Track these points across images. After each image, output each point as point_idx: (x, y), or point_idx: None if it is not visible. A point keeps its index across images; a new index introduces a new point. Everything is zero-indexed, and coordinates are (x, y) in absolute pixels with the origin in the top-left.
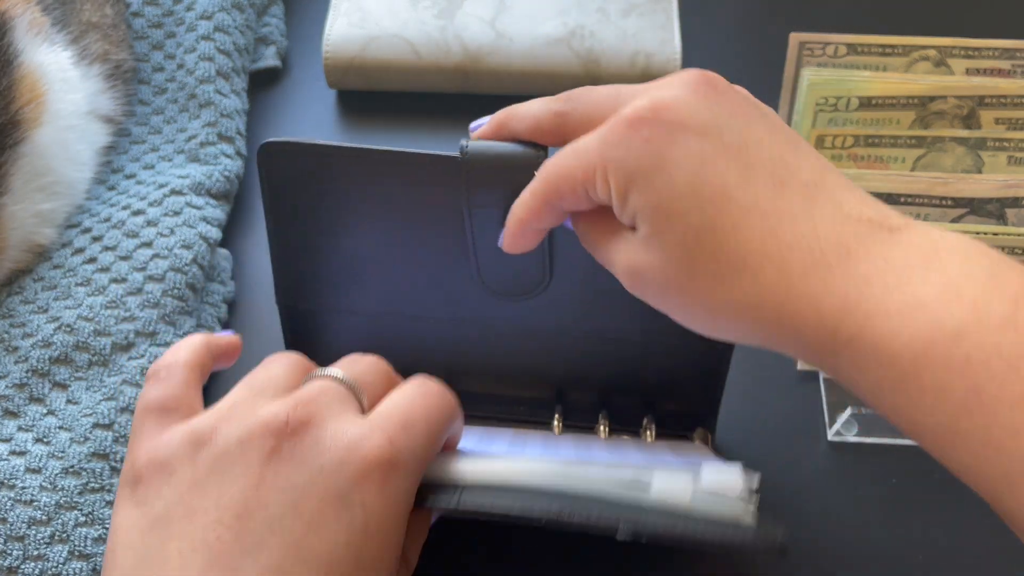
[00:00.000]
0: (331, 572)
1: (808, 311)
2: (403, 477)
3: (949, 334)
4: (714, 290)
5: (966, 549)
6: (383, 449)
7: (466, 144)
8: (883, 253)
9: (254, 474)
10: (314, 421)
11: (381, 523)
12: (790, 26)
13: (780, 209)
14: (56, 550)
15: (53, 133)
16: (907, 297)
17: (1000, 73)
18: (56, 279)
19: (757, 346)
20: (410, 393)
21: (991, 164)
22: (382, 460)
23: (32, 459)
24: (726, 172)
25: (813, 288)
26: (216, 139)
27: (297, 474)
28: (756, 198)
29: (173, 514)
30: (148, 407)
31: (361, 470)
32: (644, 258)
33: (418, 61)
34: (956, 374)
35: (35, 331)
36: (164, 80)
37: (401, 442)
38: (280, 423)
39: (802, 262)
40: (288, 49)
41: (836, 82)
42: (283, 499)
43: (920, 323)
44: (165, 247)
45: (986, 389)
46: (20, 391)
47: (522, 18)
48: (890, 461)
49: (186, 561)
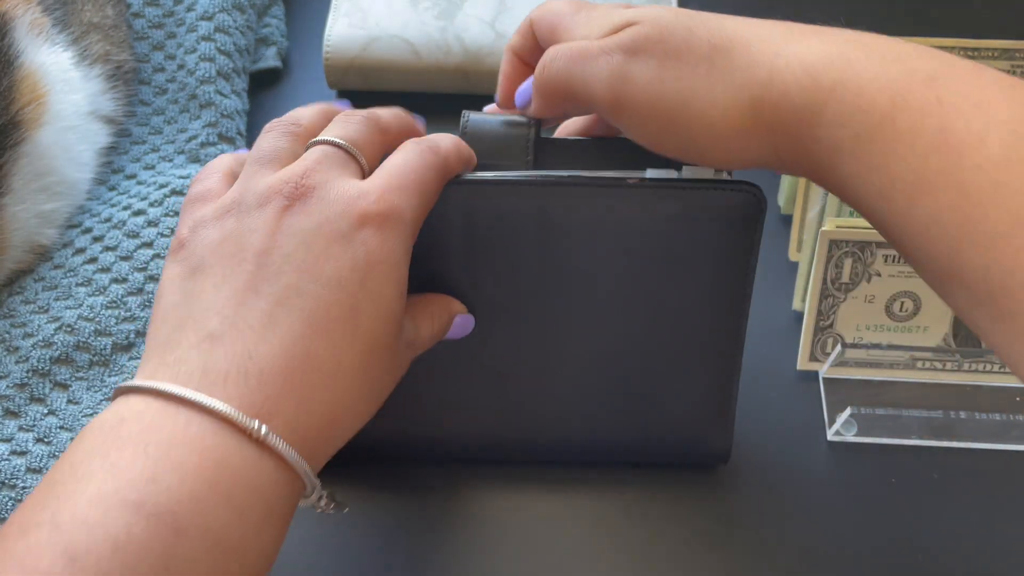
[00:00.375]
0: (339, 288)
1: (792, 65)
2: (397, 227)
3: (923, 79)
4: (711, 58)
5: (966, 549)
6: (379, 204)
7: (467, 117)
8: (861, 36)
9: (270, 225)
10: (319, 183)
11: (381, 258)
12: None
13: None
14: None
15: (54, 134)
16: (884, 50)
17: None
18: (57, 279)
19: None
20: (406, 156)
21: None
22: (379, 212)
23: (33, 459)
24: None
25: (797, 48)
26: (217, 139)
27: (307, 222)
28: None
29: (207, 262)
30: (190, 198)
31: (360, 217)
32: (627, 75)
33: (418, 62)
34: (928, 116)
35: (36, 331)
36: (165, 81)
37: (394, 200)
38: (291, 187)
39: (784, 34)
40: (288, 50)
41: None
42: (295, 240)
43: (896, 71)
44: (166, 247)
45: (954, 128)
46: (21, 391)
47: (522, 19)
48: (890, 461)
49: (219, 291)
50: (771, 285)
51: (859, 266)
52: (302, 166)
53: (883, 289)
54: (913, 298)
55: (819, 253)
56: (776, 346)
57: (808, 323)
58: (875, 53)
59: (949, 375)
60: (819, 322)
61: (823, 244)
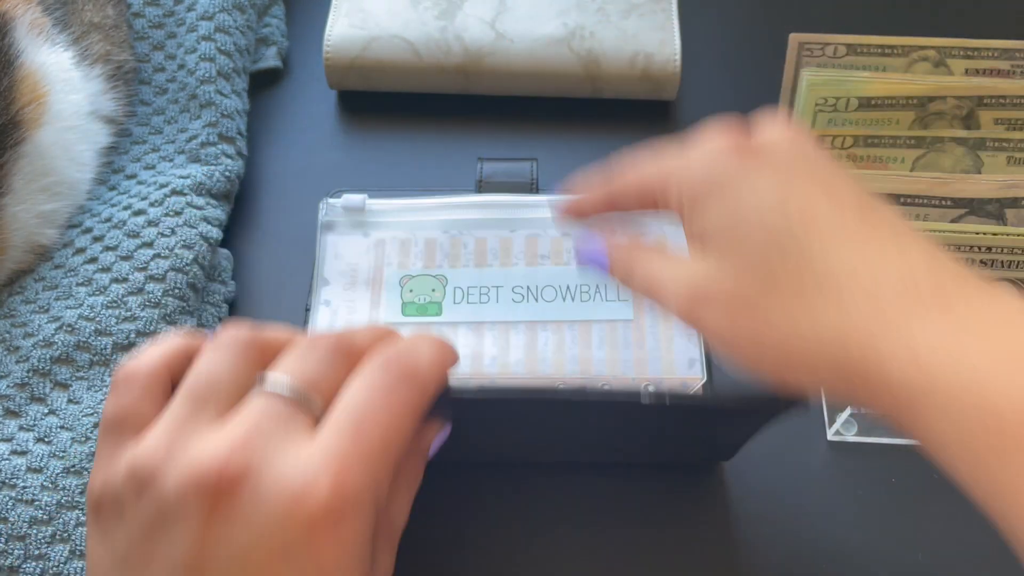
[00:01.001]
0: None
1: (900, 347)
2: (356, 519)
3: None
4: (793, 308)
5: (966, 549)
6: (332, 497)
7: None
8: (984, 304)
9: (197, 533)
10: (252, 469)
11: (337, 566)
12: (790, 27)
13: (870, 237)
14: (57, 549)
15: (54, 134)
16: (1014, 346)
17: (999, 73)
18: (57, 279)
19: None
20: (371, 396)
21: (990, 164)
22: (331, 511)
23: (33, 458)
24: (813, 195)
25: (906, 321)
26: (217, 139)
27: (240, 533)
28: (844, 223)
29: (131, 560)
30: (104, 422)
31: (307, 525)
32: (709, 276)
33: (419, 62)
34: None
35: (36, 331)
36: (165, 80)
37: (352, 481)
38: (214, 477)
39: (895, 290)
40: (289, 50)
41: (835, 82)
42: (230, 556)
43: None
44: (166, 247)
45: None
46: (21, 391)
47: (522, 19)
48: (889, 461)
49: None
50: None
51: None
52: (231, 436)
53: None
54: None
55: None
56: None
57: None
58: (1003, 351)
59: None
60: None
61: None
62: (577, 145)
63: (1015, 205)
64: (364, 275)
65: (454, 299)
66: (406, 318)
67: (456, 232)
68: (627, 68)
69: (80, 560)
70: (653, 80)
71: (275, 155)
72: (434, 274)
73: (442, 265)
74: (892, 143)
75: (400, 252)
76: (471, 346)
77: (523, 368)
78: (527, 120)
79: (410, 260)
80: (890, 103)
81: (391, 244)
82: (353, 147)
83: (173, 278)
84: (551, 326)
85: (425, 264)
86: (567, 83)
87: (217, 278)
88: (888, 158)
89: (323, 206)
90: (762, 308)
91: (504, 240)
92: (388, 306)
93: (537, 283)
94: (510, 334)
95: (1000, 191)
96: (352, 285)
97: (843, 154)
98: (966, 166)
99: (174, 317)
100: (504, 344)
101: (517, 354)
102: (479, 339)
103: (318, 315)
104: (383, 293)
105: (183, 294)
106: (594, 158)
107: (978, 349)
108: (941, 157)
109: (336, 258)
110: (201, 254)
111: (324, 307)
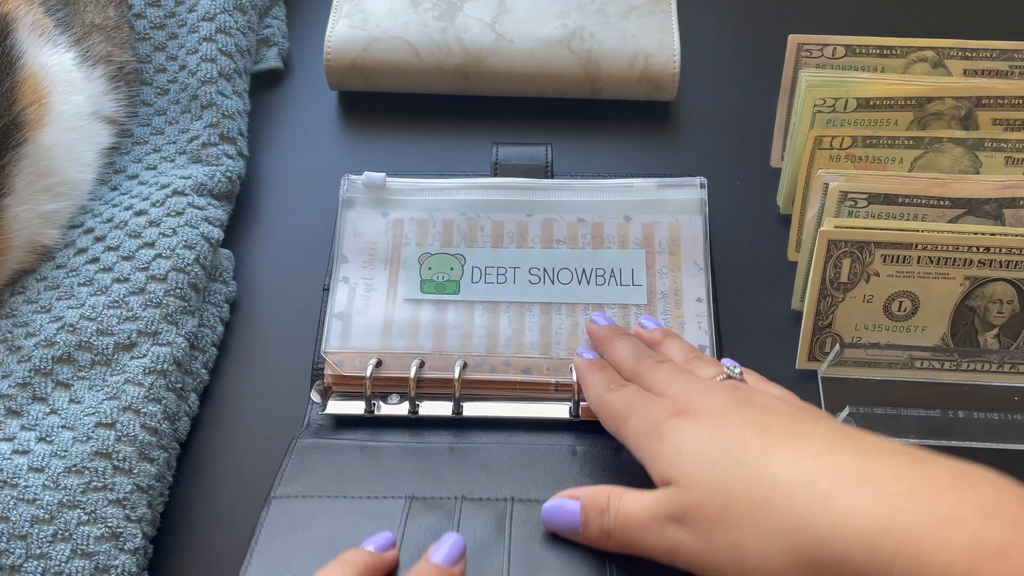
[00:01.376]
0: None
1: (846, 527)
2: None
3: (991, 554)
4: (754, 517)
5: None
6: None
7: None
8: (911, 474)
9: None
10: None
11: None
12: (788, 27)
13: (798, 449)
14: (58, 549)
15: (56, 134)
16: (943, 509)
17: (998, 74)
18: (59, 279)
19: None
20: None
21: (989, 165)
22: None
23: (35, 458)
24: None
25: (845, 504)
26: (218, 140)
27: None
28: (774, 444)
29: None
30: None
31: None
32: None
33: (419, 63)
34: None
35: (38, 331)
36: (166, 81)
37: None
38: None
39: (830, 481)
40: (289, 51)
41: (834, 83)
42: None
43: (961, 542)
44: (167, 247)
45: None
46: (23, 390)
47: (522, 20)
48: None
49: None
50: (770, 285)
51: (858, 266)
52: None
53: (881, 289)
54: (911, 298)
55: (818, 253)
56: (775, 346)
57: (807, 323)
58: (933, 515)
59: (947, 375)
60: (818, 322)
61: (822, 244)
62: (577, 145)
63: (1013, 205)
64: (382, 253)
65: (472, 278)
66: (425, 295)
67: (473, 214)
68: (627, 69)
69: (82, 559)
70: (652, 81)
71: (276, 155)
72: (453, 253)
73: (460, 245)
74: (890, 144)
75: (418, 232)
76: (487, 326)
77: (537, 351)
78: (527, 121)
79: (428, 240)
80: (888, 104)
81: (409, 224)
82: (353, 147)
83: (174, 278)
84: (566, 308)
85: (443, 244)
86: (567, 84)
87: (218, 278)
88: (887, 158)
89: (344, 182)
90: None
91: (521, 224)
92: (407, 284)
93: (553, 265)
94: (525, 316)
95: (998, 191)
96: (370, 263)
97: (842, 155)
98: (964, 166)
99: (175, 317)
100: (520, 326)
101: (532, 336)
102: (495, 320)
103: (337, 292)
104: (401, 271)
105: (184, 294)
106: (594, 158)
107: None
108: (939, 157)
109: (355, 236)
110: (202, 254)
111: (343, 284)
